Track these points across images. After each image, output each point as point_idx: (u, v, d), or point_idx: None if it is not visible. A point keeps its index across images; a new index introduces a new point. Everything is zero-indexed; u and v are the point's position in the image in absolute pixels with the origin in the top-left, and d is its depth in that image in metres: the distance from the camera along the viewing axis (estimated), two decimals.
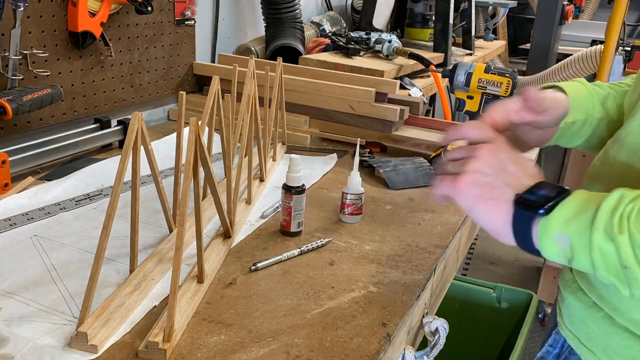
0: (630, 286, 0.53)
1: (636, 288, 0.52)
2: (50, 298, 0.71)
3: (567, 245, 0.55)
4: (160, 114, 1.53)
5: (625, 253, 0.51)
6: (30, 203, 0.95)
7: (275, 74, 1.17)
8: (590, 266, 0.55)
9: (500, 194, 0.60)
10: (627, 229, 0.52)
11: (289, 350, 0.64)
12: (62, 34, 1.18)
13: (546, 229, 0.56)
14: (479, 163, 0.61)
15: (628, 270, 0.52)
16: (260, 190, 1.07)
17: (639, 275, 0.51)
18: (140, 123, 0.69)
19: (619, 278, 0.53)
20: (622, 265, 0.52)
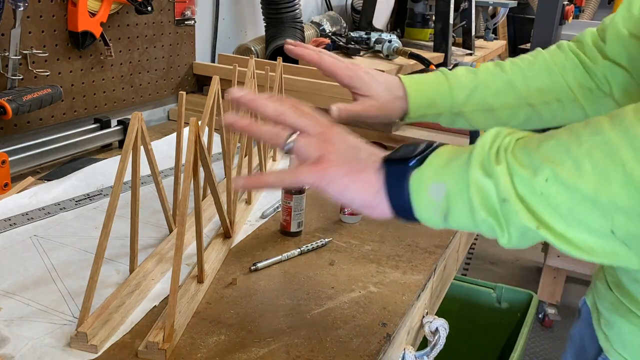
0: (508, 224, 0.47)
1: (513, 226, 0.47)
2: (50, 298, 0.71)
3: (443, 194, 0.50)
4: (160, 114, 1.53)
5: (503, 184, 0.46)
6: (30, 203, 0.95)
7: (275, 74, 1.17)
8: (469, 210, 0.48)
9: (367, 164, 0.55)
10: (504, 159, 0.47)
11: (289, 350, 0.64)
12: (62, 34, 1.18)
13: (420, 182, 0.51)
14: (334, 145, 0.56)
15: (506, 203, 0.46)
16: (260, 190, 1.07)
17: (517, 208, 0.46)
18: (140, 123, 0.69)
19: (497, 218, 0.47)
20: (500, 199, 0.47)
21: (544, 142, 0.47)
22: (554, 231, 0.45)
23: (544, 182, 0.45)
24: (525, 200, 0.46)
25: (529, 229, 0.46)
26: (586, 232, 0.45)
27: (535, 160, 0.46)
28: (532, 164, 0.46)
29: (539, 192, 0.45)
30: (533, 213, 0.46)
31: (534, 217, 0.46)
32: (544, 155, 0.46)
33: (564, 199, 0.44)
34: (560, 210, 0.45)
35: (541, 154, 0.46)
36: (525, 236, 0.47)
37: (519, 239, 0.48)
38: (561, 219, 0.45)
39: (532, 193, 0.46)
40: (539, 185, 0.45)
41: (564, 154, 0.45)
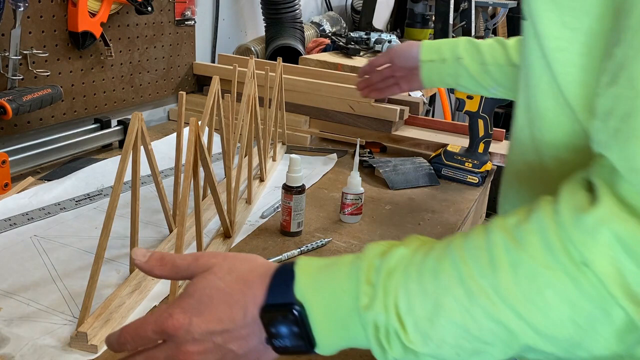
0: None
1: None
2: (50, 298, 0.71)
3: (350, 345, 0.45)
4: (160, 114, 1.53)
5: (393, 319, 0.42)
6: (30, 203, 0.95)
7: (275, 74, 1.17)
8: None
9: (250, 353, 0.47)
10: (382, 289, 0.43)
11: None
12: (62, 34, 1.18)
13: (325, 352, 0.46)
14: (189, 355, 0.45)
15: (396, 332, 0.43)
16: (260, 190, 1.07)
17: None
18: (140, 123, 0.69)
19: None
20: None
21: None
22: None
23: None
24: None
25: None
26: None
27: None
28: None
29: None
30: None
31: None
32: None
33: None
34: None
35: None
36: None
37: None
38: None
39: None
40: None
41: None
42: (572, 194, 0.39)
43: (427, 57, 0.97)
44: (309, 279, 0.46)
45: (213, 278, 0.47)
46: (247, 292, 0.47)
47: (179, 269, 0.50)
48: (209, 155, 0.99)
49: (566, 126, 0.49)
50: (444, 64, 0.96)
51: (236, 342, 0.46)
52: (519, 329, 0.39)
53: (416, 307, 0.41)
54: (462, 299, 0.40)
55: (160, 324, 0.46)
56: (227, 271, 0.48)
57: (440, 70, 0.97)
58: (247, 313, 0.46)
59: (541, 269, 0.38)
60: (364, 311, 0.43)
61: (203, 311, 0.46)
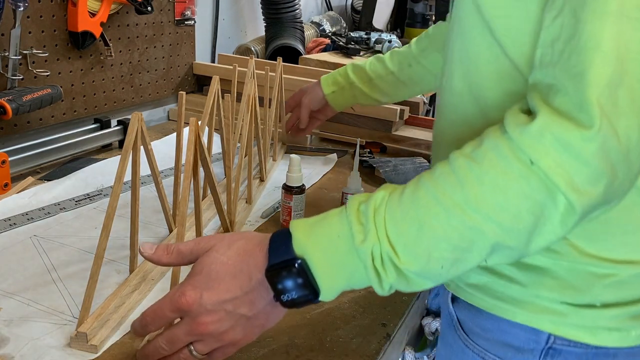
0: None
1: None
2: (50, 298, 0.71)
3: (349, 288, 0.52)
4: (160, 114, 1.53)
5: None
6: (30, 203, 0.95)
7: (276, 73, 1.17)
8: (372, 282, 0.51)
9: (259, 312, 0.53)
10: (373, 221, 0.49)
11: (289, 351, 0.64)
12: (62, 34, 1.18)
13: (328, 298, 0.52)
14: (214, 324, 0.52)
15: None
16: (260, 189, 1.07)
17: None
18: (140, 123, 0.69)
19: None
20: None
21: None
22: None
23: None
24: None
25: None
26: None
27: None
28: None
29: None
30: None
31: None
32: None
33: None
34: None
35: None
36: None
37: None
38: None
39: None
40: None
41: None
42: (514, 116, 0.47)
43: (328, 91, 1.15)
44: (305, 234, 0.52)
45: (216, 255, 0.53)
46: (249, 260, 0.53)
47: (183, 254, 0.56)
48: (208, 155, 0.99)
49: (499, 67, 0.57)
50: (343, 90, 1.14)
51: (245, 306, 0.52)
52: (489, 229, 0.46)
53: (404, 231, 0.48)
54: (441, 215, 0.47)
55: (175, 302, 0.52)
56: (227, 247, 0.54)
57: (342, 96, 1.15)
58: (252, 278, 0.52)
59: (500, 176, 0.46)
60: (360, 245, 0.49)
61: (212, 285, 0.52)
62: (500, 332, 0.63)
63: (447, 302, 0.71)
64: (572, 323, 0.59)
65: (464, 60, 0.61)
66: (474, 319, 0.66)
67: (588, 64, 0.43)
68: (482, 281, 0.63)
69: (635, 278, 0.58)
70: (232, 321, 0.53)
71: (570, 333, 0.59)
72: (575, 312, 0.59)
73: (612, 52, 0.43)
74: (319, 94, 1.16)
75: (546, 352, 0.61)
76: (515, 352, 0.62)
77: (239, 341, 0.54)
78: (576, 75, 0.44)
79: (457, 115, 0.64)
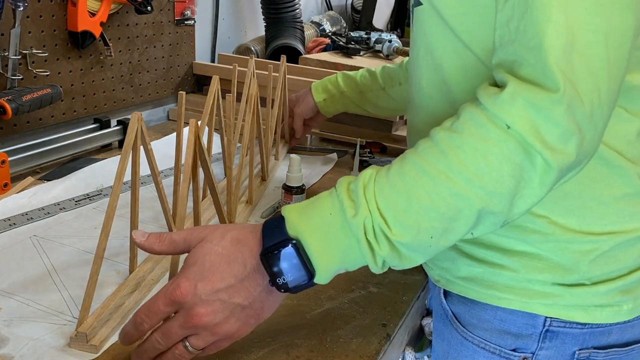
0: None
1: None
2: (50, 298, 0.71)
3: (343, 270, 0.54)
4: (160, 114, 1.52)
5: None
6: (30, 203, 0.94)
7: (279, 72, 1.17)
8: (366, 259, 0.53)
9: (255, 298, 0.53)
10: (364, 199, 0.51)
11: (289, 351, 0.64)
12: (61, 34, 1.18)
13: (323, 280, 0.53)
14: (209, 316, 0.52)
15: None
16: (261, 189, 1.07)
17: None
18: (140, 123, 0.69)
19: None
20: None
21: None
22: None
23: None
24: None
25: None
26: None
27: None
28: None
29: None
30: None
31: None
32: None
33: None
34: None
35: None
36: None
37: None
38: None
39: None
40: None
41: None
42: (485, 89, 0.50)
43: (319, 98, 1.17)
44: (298, 216, 0.53)
45: (209, 245, 0.53)
46: (243, 248, 0.53)
47: (176, 243, 0.56)
48: (208, 156, 0.99)
49: (464, 63, 0.60)
50: (333, 98, 1.16)
51: (241, 295, 0.52)
52: (473, 195, 0.48)
53: (393, 204, 0.50)
54: (427, 184, 0.49)
55: (169, 295, 0.52)
56: (221, 236, 0.54)
57: (333, 103, 1.17)
58: (246, 265, 0.52)
59: (480, 142, 0.48)
60: (352, 219, 0.50)
61: (206, 275, 0.52)
62: (497, 320, 0.64)
63: (440, 298, 0.71)
64: (565, 304, 0.61)
65: (429, 60, 0.63)
66: (470, 311, 0.67)
67: (542, 35, 0.46)
68: (474, 272, 0.64)
69: (617, 249, 0.60)
70: (227, 312, 0.52)
71: (565, 314, 0.61)
72: (567, 292, 0.60)
73: (562, 21, 0.46)
74: (311, 103, 1.18)
75: (544, 335, 0.62)
76: (514, 338, 0.64)
77: (233, 334, 0.54)
78: (534, 48, 0.47)
79: (429, 114, 0.66)
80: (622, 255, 0.61)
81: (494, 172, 0.48)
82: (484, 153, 0.48)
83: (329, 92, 1.16)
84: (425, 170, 0.50)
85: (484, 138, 0.48)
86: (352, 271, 0.82)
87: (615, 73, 0.48)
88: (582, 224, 0.60)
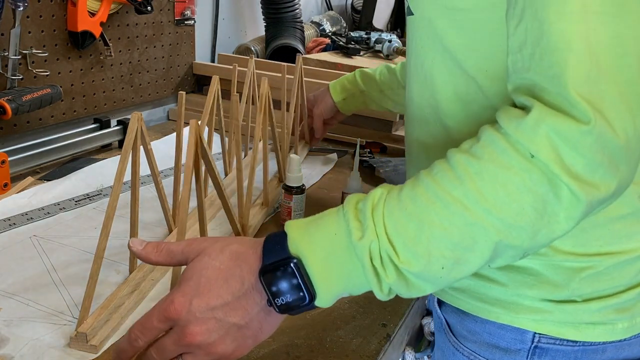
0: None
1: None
2: (50, 298, 0.71)
3: (347, 294, 0.50)
4: (160, 114, 1.52)
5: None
6: (30, 203, 0.94)
7: (295, 72, 1.15)
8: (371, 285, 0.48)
9: (252, 319, 0.50)
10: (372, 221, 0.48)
11: (289, 351, 0.64)
12: (61, 34, 1.18)
13: (325, 303, 0.49)
14: (203, 336, 0.48)
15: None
16: (278, 190, 1.03)
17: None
18: (139, 123, 0.69)
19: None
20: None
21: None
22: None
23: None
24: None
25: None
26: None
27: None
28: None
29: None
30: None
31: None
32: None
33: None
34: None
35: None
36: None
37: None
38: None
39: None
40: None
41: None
42: (506, 112, 0.47)
43: (339, 98, 1.16)
44: (300, 233, 0.49)
45: (207, 259, 0.50)
46: (242, 264, 0.50)
47: (174, 254, 0.53)
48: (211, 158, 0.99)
49: (461, 88, 0.58)
50: (353, 97, 1.15)
51: (237, 314, 0.49)
52: (490, 226, 0.45)
53: (403, 229, 0.46)
54: (441, 211, 0.46)
55: (163, 311, 0.49)
56: (220, 250, 0.51)
57: (353, 102, 1.16)
58: (244, 282, 0.49)
59: (500, 170, 0.45)
60: (357, 242, 0.47)
61: (202, 291, 0.49)
62: (487, 334, 0.63)
63: (434, 306, 0.71)
64: (555, 320, 0.59)
65: (420, 72, 0.62)
66: (462, 322, 0.66)
67: (563, 65, 0.43)
68: (465, 284, 0.63)
69: (613, 269, 0.58)
70: (222, 331, 0.49)
71: (554, 330, 0.59)
72: (557, 308, 0.59)
73: (584, 50, 0.43)
74: (330, 103, 1.17)
75: (532, 351, 0.61)
76: (503, 353, 0.62)
77: (229, 355, 0.50)
78: (554, 78, 0.44)
79: (421, 127, 0.65)
80: (617, 274, 0.58)
81: (514, 203, 0.44)
82: (504, 182, 0.44)
83: (348, 92, 1.15)
84: (439, 196, 0.46)
85: (505, 166, 0.45)
86: None
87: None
88: (576, 245, 0.58)
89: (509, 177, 0.44)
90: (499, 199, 0.44)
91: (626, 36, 0.43)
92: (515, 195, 0.44)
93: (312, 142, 1.27)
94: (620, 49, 0.43)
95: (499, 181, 0.45)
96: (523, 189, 0.44)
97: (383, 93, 1.11)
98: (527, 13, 0.46)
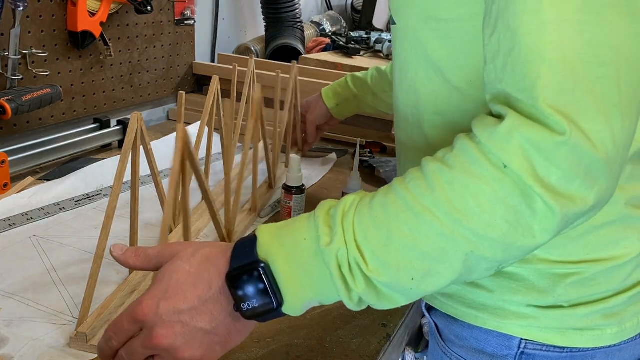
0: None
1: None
2: (50, 298, 0.71)
3: (317, 303, 0.49)
4: (160, 114, 1.52)
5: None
6: (30, 203, 0.94)
7: (290, 78, 1.15)
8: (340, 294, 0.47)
9: (220, 330, 0.49)
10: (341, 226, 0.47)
11: (289, 351, 0.64)
12: (61, 34, 1.18)
13: (294, 311, 0.49)
14: (168, 339, 0.47)
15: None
16: (268, 197, 1.04)
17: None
18: (139, 123, 0.69)
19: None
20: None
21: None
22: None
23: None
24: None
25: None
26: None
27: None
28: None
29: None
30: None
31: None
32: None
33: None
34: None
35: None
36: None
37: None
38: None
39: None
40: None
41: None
42: (481, 121, 0.46)
43: (332, 104, 1.16)
44: (270, 237, 0.49)
45: (179, 262, 0.50)
46: (211, 268, 0.49)
47: (150, 258, 0.53)
48: (207, 160, 0.99)
49: (442, 99, 0.58)
50: (347, 102, 1.15)
51: (203, 318, 0.48)
52: (461, 237, 0.43)
53: (372, 237, 0.45)
54: (410, 220, 0.45)
55: (132, 312, 0.49)
56: (192, 254, 0.50)
57: (347, 107, 1.16)
58: (212, 286, 0.48)
59: (472, 180, 0.43)
60: (325, 248, 0.46)
61: (170, 294, 0.48)
62: (474, 339, 0.63)
63: (424, 310, 0.71)
64: (541, 326, 0.59)
65: (404, 81, 0.62)
66: (450, 327, 0.66)
67: (535, 77, 0.42)
68: (453, 289, 0.63)
69: (600, 275, 0.58)
70: (188, 335, 0.48)
71: (541, 336, 0.59)
72: (543, 314, 0.58)
73: (558, 60, 0.41)
74: (323, 109, 1.17)
75: (519, 357, 0.60)
76: (489, 358, 0.62)
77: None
78: (525, 90, 0.43)
79: (407, 134, 0.65)
80: (603, 280, 0.58)
81: (485, 214, 0.43)
82: (475, 192, 0.43)
83: (341, 97, 1.15)
84: (410, 205, 0.45)
85: (477, 176, 0.43)
86: None
87: (629, 108, 0.43)
88: (563, 255, 0.57)
89: (480, 188, 0.43)
90: (470, 210, 0.43)
91: (603, 46, 0.41)
92: (486, 206, 0.43)
93: (304, 148, 1.26)
94: (597, 58, 0.41)
95: (470, 191, 0.43)
96: (494, 200, 0.43)
97: (376, 96, 1.11)
98: (500, 23, 0.45)
